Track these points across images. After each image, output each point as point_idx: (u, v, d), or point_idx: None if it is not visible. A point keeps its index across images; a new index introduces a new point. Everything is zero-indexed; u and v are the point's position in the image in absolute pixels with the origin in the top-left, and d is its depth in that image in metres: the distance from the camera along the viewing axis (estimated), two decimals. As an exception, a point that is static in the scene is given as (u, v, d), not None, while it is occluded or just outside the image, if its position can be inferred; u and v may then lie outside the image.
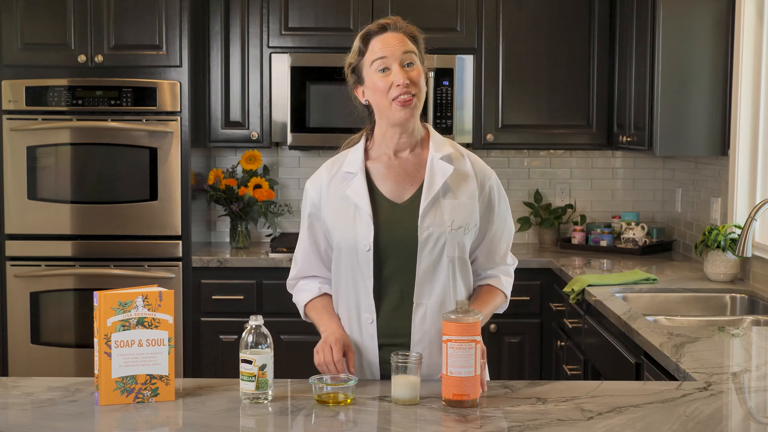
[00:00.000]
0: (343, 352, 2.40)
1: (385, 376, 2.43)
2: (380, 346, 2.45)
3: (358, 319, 2.46)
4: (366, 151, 2.51)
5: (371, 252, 2.41)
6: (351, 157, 2.51)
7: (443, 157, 2.47)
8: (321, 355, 2.38)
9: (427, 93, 4.79)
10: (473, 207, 2.47)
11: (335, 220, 2.47)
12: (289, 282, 2.64)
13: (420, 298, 2.43)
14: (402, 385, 2.21)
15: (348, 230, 2.44)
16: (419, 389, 2.22)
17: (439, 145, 2.49)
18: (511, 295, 4.59)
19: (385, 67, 2.40)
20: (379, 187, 2.47)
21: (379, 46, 2.42)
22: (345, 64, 2.52)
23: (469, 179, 2.48)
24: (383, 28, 2.44)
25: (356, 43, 2.47)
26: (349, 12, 4.83)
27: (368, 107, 2.50)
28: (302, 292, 2.59)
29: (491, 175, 2.54)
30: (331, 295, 2.55)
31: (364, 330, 2.45)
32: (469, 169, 2.50)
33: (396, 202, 2.45)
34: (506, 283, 2.61)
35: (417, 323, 2.43)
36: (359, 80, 2.47)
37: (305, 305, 2.58)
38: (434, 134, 2.53)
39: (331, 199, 2.48)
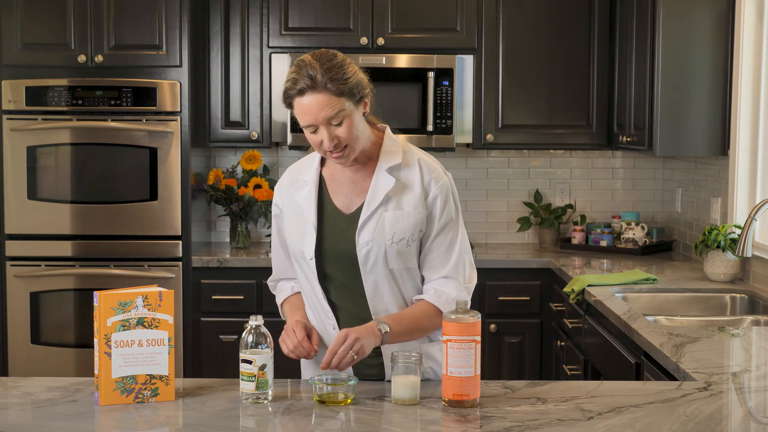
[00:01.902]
0: (308, 335, 2.42)
1: (364, 379, 2.42)
2: None
3: (322, 324, 2.49)
4: (323, 158, 2.51)
5: (314, 261, 2.44)
6: (309, 164, 2.53)
7: (389, 168, 2.43)
8: (288, 341, 2.39)
9: (426, 93, 4.83)
10: (418, 216, 2.42)
11: (289, 226, 2.52)
12: (269, 283, 2.71)
13: (377, 315, 2.44)
14: (402, 385, 2.21)
15: (297, 238, 2.48)
16: (419, 389, 2.22)
17: (388, 155, 2.45)
18: (511, 295, 4.63)
19: (313, 130, 2.35)
20: (331, 196, 2.49)
21: (301, 112, 2.33)
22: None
23: (414, 188, 2.43)
24: (301, 92, 2.30)
25: (282, 96, 2.38)
26: (349, 12, 4.82)
27: None
28: (279, 292, 2.66)
29: (439, 184, 2.44)
30: (300, 293, 2.62)
31: (330, 335, 2.47)
32: (416, 178, 2.44)
33: (344, 212, 2.46)
34: (444, 298, 2.43)
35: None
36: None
37: (281, 306, 2.65)
38: (387, 140, 2.47)
39: (288, 206, 2.53)
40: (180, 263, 4.61)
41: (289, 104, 2.36)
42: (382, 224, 2.41)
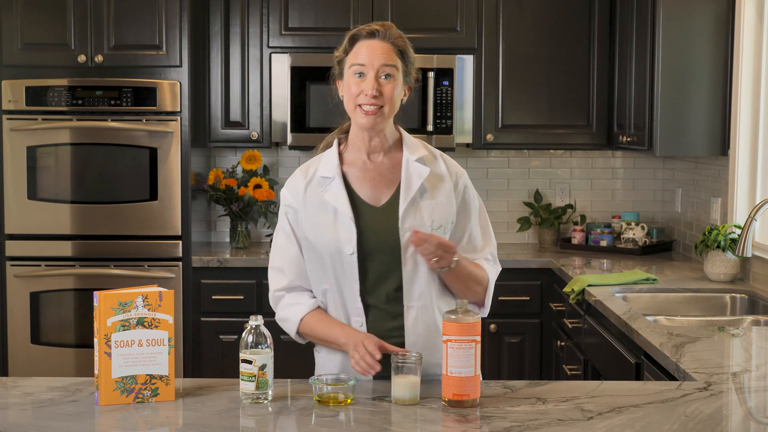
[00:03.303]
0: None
1: (379, 377, 2.42)
2: None
3: (348, 322, 2.46)
4: (340, 155, 2.52)
5: (355, 255, 2.42)
6: (325, 161, 2.52)
7: (418, 159, 2.48)
8: (364, 364, 2.32)
9: (426, 93, 4.83)
10: (450, 206, 2.49)
11: (315, 225, 2.47)
12: (275, 293, 2.54)
13: (409, 301, 2.44)
14: (402, 385, 2.21)
15: (329, 235, 2.44)
16: (419, 389, 2.22)
17: (412, 148, 2.51)
18: (511, 295, 4.63)
19: (361, 73, 2.41)
20: (356, 190, 2.48)
21: (362, 51, 2.42)
22: (334, 56, 2.53)
23: (444, 179, 2.50)
24: (372, 34, 2.43)
25: (345, 40, 2.48)
26: (349, 12, 4.82)
27: None
28: (292, 306, 2.51)
29: (463, 174, 2.56)
30: (322, 308, 2.50)
31: None
32: (443, 170, 2.52)
33: (374, 205, 2.47)
34: (489, 267, 2.54)
35: (410, 326, 2.44)
36: (341, 74, 2.49)
37: (302, 319, 2.49)
38: (406, 136, 2.54)
39: (310, 205, 2.49)
40: (180, 263, 4.61)
41: (352, 43, 2.44)
42: (420, 212, 2.44)
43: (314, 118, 4.76)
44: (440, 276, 2.47)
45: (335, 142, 2.55)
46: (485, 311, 2.58)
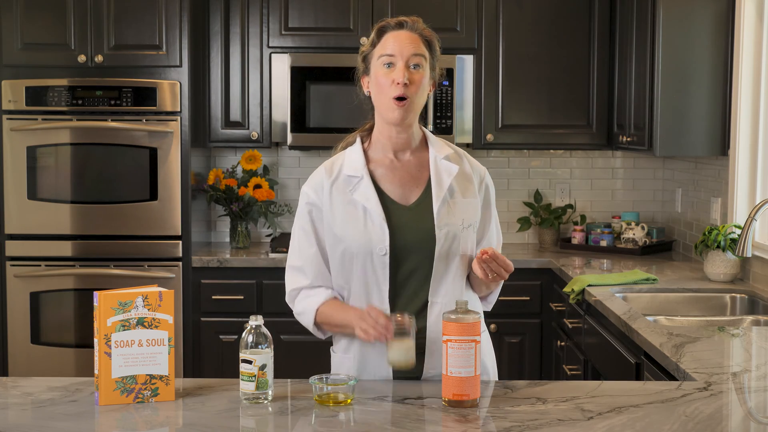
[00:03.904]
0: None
1: (399, 377, 2.42)
2: None
3: None
4: (364, 153, 2.50)
5: (387, 256, 2.39)
6: (350, 160, 2.48)
7: (445, 157, 2.49)
8: (375, 329, 2.28)
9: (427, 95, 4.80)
10: (476, 205, 2.50)
11: (343, 224, 2.43)
12: (292, 293, 2.51)
13: (435, 297, 2.44)
14: (397, 348, 2.26)
15: (359, 235, 2.40)
16: (414, 353, 2.27)
17: (438, 146, 2.51)
18: (511, 295, 4.63)
19: (390, 63, 2.41)
20: (385, 190, 2.46)
21: (390, 42, 2.43)
22: (359, 51, 2.52)
23: (470, 178, 2.51)
24: (400, 25, 2.45)
25: (372, 34, 2.48)
26: (349, 12, 4.83)
27: (370, 99, 2.49)
28: (309, 297, 2.48)
29: (485, 173, 2.59)
30: (338, 298, 2.48)
31: None
32: (468, 168, 2.53)
33: (404, 204, 2.45)
34: None
35: (432, 322, 2.43)
36: (366, 70, 2.48)
37: (318, 308, 2.46)
38: (430, 135, 2.55)
39: (337, 204, 2.44)
40: (180, 263, 4.61)
41: (380, 35, 2.45)
42: (452, 211, 2.45)
43: (314, 118, 4.76)
44: (471, 275, 2.50)
45: (358, 140, 2.52)
46: (490, 306, 2.64)
